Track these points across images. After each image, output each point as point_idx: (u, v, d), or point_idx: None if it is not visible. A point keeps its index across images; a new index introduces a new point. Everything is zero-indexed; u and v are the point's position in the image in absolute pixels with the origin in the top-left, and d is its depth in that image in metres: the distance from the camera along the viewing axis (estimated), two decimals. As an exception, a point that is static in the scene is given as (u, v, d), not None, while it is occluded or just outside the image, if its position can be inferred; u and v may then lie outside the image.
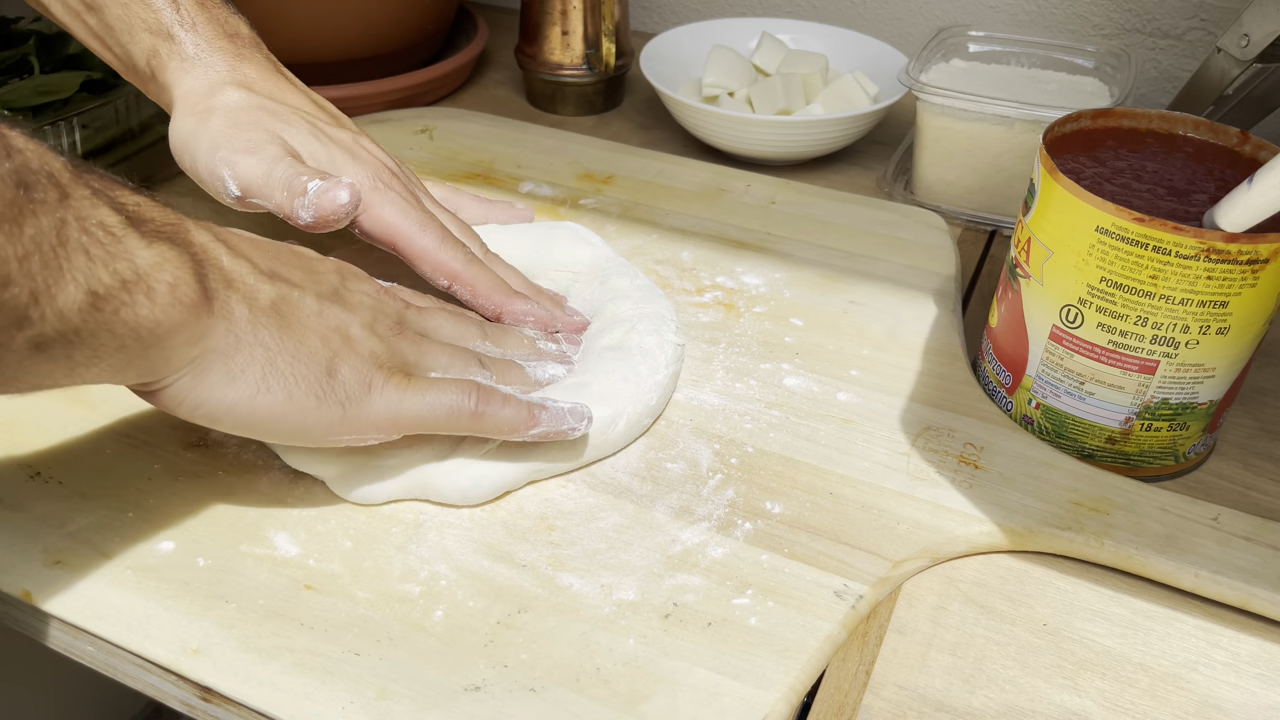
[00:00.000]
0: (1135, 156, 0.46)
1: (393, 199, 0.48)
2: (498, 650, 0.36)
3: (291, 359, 0.37)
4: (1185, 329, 0.42)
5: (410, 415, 0.39)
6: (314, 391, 0.37)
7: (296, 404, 0.37)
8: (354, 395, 0.38)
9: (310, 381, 0.37)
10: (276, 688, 0.35)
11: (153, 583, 0.38)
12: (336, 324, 0.39)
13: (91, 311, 0.31)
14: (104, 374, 0.33)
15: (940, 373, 0.50)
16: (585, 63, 0.76)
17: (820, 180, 0.69)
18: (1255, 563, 0.40)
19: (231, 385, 0.35)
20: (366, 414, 0.38)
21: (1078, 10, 0.80)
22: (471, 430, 0.40)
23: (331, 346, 0.38)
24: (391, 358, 0.40)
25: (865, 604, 0.39)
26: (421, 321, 0.44)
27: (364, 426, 0.38)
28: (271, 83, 0.51)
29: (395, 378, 0.39)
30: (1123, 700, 0.37)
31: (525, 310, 0.49)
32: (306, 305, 0.39)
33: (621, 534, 0.41)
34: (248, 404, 0.36)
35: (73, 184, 0.31)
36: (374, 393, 0.38)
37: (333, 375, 0.38)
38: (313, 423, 0.37)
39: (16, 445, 0.44)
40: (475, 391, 0.40)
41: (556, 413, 0.41)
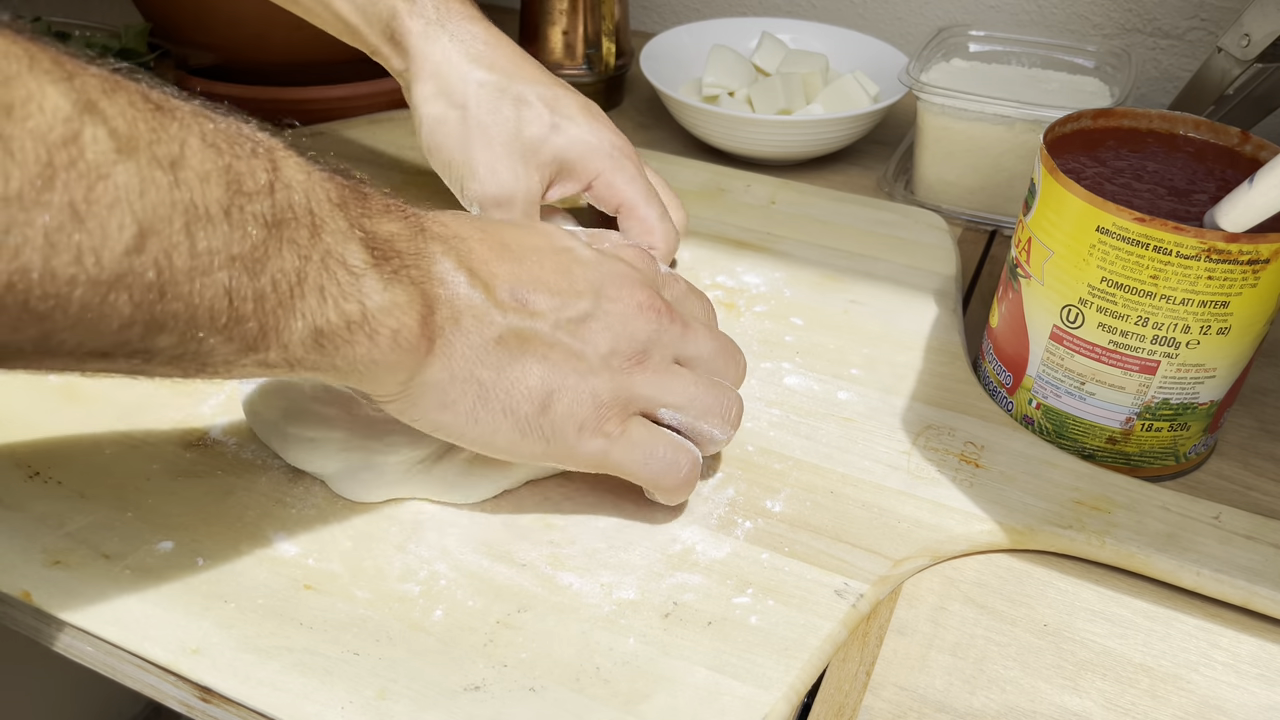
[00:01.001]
0: (1136, 156, 0.46)
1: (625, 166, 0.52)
2: (497, 650, 0.36)
3: (506, 394, 0.36)
4: (1186, 329, 0.42)
5: (615, 464, 0.39)
6: (519, 427, 0.37)
7: (502, 437, 0.37)
8: (562, 434, 0.37)
9: (519, 418, 0.37)
10: (275, 688, 0.35)
11: (152, 582, 0.38)
12: (567, 354, 0.37)
13: (314, 346, 0.32)
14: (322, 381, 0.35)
15: (941, 372, 0.50)
16: (585, 63, 0.76)
17: (820, 180, 0.69)
18: (1257, 561, 0.40)
19: (443, 411, 0.36)
20: (571, 451, 0.38)
21: (1078, 10, 0.80)
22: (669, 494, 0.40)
23: (551, 383, 0.37)
24: (615, 396, 0.38)
25: (866, 603, 0.39)
26: (680, 346, 0.40)
27: (566, 460, 0.39)
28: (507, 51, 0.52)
29: (608, 425, 0.38)
30: (1123, 701, 0.37)
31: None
32: (539, 337, 0.37)
33: (621, 533, 0.41)
34: (456, 428, 0.37)
35: (331, 216, 0.32)
36: (582, 436, 0.38)
37: (545, 412, 0.37)
38: (514, 450, 0.38)
39: (16, 445, 0.44)
40: (689, 465, 0.39)
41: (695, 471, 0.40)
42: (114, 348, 0.27)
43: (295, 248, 0.30)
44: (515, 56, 0.52)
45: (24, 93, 0.23)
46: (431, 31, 0.50)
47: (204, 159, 0.28)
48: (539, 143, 0.51)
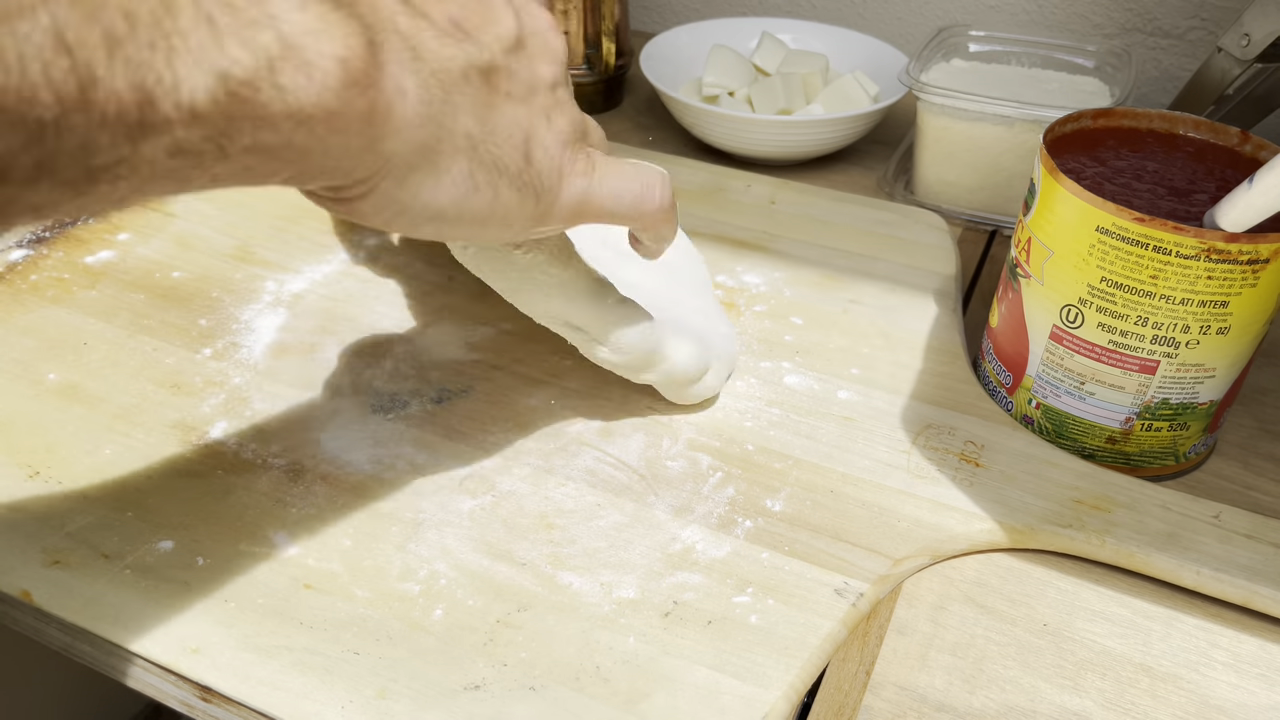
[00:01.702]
0: (1136, 156, 0.46)
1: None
2: (497, 649, 0.36)
3: (496, 147, 0.32)
4: (1185, 329, 0.42)
5: (597, 203, 0.35)
6: (516, 184, 0.32)
7: (502, 201, 0.32)
8: (548, 183, 0.33)
9: (512, 175, 0.32)
10: (276, 687, 0.35)
11: (152, 582, 0.38)
12: (527, 90, 0.33)
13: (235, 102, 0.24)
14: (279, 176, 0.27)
15: (941, 371, 0.50)
16: (585, 63, 0.76)
17: (820, 180, 0.69)
18: (1257, 560, 0.40)
19: (438, 186, 0.31)
20: (559, 203, 0.34)
21: (1078, 10, 0.80)
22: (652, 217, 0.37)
23: (525, 128, 0.32)
24: (573, 130, 0.34)
25: (866, 602, 0.39)
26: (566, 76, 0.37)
27: (555, 216, 0.34)
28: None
29: (579, 162, 0.34)
30: (1123, 700, 0.37)
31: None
32: (498, 69, 0.32)
33: (621, 532, 0.41)
34: (456, 207, 0.31)
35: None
36: (565, 179, 0.34)
37: (530, 162, 0.33)
38: (513, 218, 0.33)
39: (16, 445, 0.44)
40: (659, 178, 0.37)
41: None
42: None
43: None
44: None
45: None
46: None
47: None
48: None
